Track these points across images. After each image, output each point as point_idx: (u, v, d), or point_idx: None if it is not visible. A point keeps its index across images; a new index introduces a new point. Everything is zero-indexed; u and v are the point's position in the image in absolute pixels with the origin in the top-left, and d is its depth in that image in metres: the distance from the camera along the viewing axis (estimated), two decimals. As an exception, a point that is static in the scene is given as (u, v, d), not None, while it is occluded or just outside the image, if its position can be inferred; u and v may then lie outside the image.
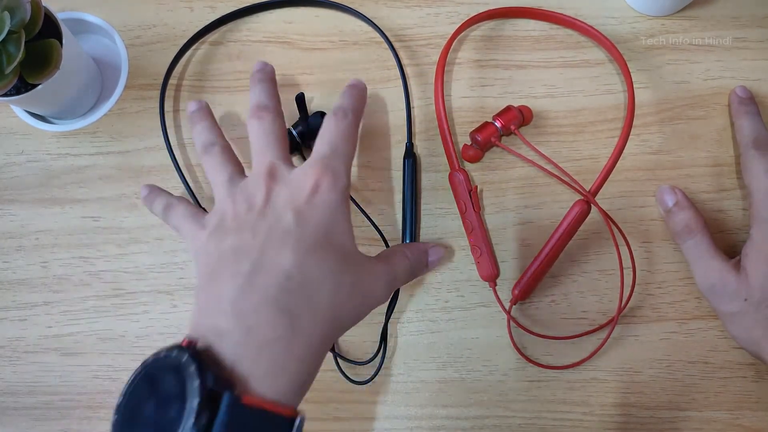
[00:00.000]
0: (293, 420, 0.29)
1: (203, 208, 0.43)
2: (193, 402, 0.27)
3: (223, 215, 0.35)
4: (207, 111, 0.42)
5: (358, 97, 0.39)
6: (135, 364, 0.42)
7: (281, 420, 0.29)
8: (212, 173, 0.38)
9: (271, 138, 0.37)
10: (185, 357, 0.28)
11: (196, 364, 0.28)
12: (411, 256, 0.39)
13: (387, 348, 0.42)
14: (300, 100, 0.43)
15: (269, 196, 0.35)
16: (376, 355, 0.42)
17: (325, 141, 0.37)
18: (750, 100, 0.43)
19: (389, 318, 0.42)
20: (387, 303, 0.41)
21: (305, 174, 0.35)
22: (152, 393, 0.28)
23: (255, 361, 0.30)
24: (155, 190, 0.41)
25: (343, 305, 0.33)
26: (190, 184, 0.44)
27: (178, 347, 0.29)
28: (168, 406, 0.27)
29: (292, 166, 0.37)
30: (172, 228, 0.39)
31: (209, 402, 0.27)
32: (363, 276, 0.35)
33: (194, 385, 0.27)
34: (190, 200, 0.41)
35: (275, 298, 0.31)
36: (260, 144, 0.37)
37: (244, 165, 0.39)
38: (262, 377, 0.30)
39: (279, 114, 0.39)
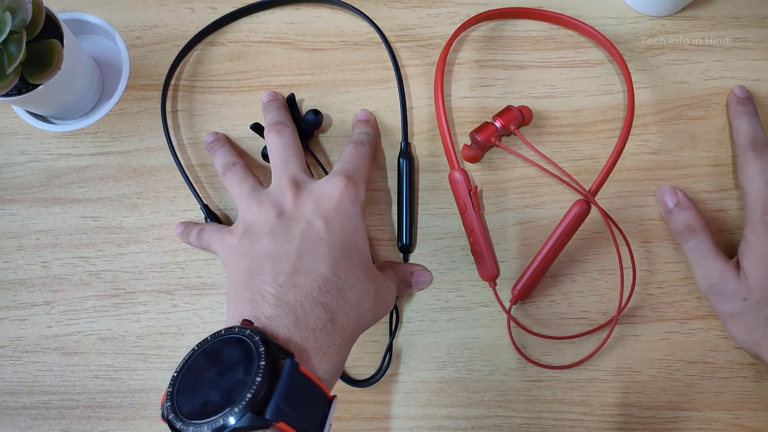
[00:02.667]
0: (330, 400, 0.31)
1: (216, 215, 0.45)
2: (260, 363, 0.28)
3: (252, 221, 0.37)
4: (225, 138, 0.45)
5: (372, 131, 0.44)
6: (135, 364, 0.43)
7: (324, 396, 0.31)
8: (234, 188, 0.40)
9: (290, 151, 0.40)
10: (248, 331, 0.30)
11: (261, 335, 0.30)
12: (397, 275, 0.41)
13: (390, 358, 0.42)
14: (291, 100, 0.44)
15: (296, 204, 0.37)
16: (379, 371, 0.42)
17: (346, 161, 0.40)
18: (748, 100, 0.43)
19: (394, 336, 0.42)
20: (392, 323, 0.43)
21: (330, 185, 0.38)
22: (213, 363, 0.30)
23: (304, 342, 0.32)
24: (188, 223, 0.44)
25: (366, 310, 0.36)
26: (193, 183, 0.44)
27: (239, 326, 0.31)
28: (233, 371, 0.29)
29: (311, 178, 0.40)
30: (205, 247, 0.41)
31: (273, 367, 0.29)
32: (380, 285, 0.38)
33: (260, 350, 0.29)
34: (217, 223, 0.43)
35: (316, 296, 0.33)
36: (281, 156, 0.40)
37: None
38: (310, 357, 0.32)
39: (296, 130, 0.42)
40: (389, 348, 0.42)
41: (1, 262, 0.45)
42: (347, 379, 0.42)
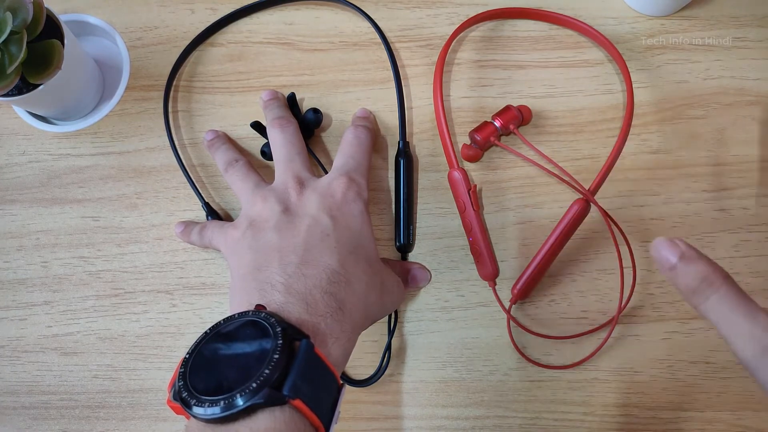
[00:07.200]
0: (340, 387, 0.31)
1: (218, 213, 0.45)
2: (278, 341, 0.28)
3: (256, 216, 0.37)
4: (225, 136, 0.45)
5: (371, 125, 0.44)
6: (134, 364, 0.43)
7: (335, 381, 0.30)
8: (238, 184, 0.41)
9: (295, 150, 0.41)
10: (263, 314, 0.30)
11: (276, 317, 0.30)
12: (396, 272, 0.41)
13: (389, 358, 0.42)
14: (292, 99, 0.44)
15: (301, 200, 0.38)
16: (378, 371, 0.42)
17: (348, 155, 0.41)
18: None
19: (392, 335, 0.42)
20: (391, 322, 0.43)
21: (334, 183, 0.38)
22: (228, 344, 0.29)
23: (316, 326, 0.32)
24: (188, 222, 0.44)
25: (373, 303, 0.36)
26: (195, 182, 0.44)
27: (252, 311, 0.31)
28: (249, 350, 0.29)
29: (314, 176, 0.40)
30: (207, 245, 0.41)
31: (289, 347, 0.29)
32: (386, 279, 0.38)
33: (276, 330, 0.29)
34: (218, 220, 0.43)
35: (324, 286, 0.33)
36: (285, 153, 0.40)
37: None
38: (322, 341, 0.32)
39: (298, 127, 0.42)
40: (388, 347, 0.42)
41: (1, 262, 0.45)
42: (346, 378, 0.42)
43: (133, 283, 0.44)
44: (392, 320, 0.42)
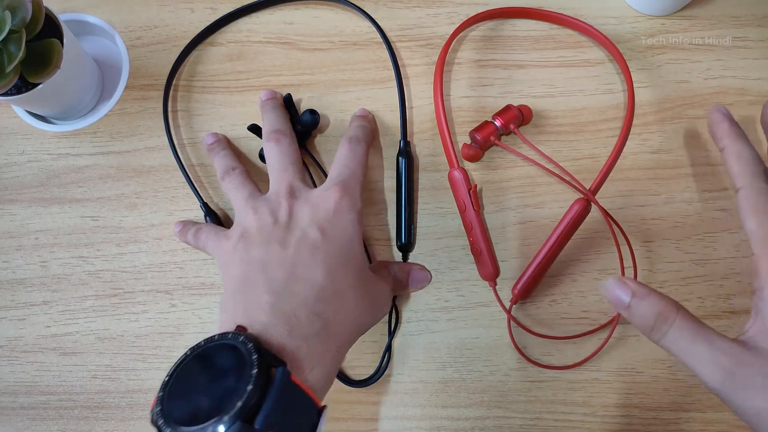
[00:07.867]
0: (321, 410, 0.31)
1: (216, 214, 0.45)
2: (252, 371, 0.28)
3: (248, 227, 0.38)
4: (225, 141, 0.45)
5: (368, 126, 0.44)
6: (133, 364, 0.43)
7: (314, 406, 0.31)
8: (233, 192, 0.41)
9: (289, 160, 0.40)
10: (242, 337, 0.30)
11: (254, 343, 0.30)
12: (395, 274, 0.41)
13: (390, 358, 0.42)
14: (288, 100, 0.44)
15: (292, 212, 0.38)
16: (378, 371, 0.42)
17: (342, 165, 0.40)
18: (734, 120, 0.35)
19: (393, 336, 0.42)
20: (391, 323, 0.42)
21: (326, 194, 0.38)
22: (205, 368, 0.30)
23: (297, 350, 0.32)
24: (186, 222, 0.44)
25: (363, 315, 0.37)
26: (193, 182, 0.44)
27: (232, 332, 0.31)
28: (225, 377, 0.29)
29: (308, 186, 0.40)
30: (201, 248, 0.41)
31: (265, 375, 0.29)
32: (374, 290, 0.38)
33: (252, 358, 0.29)
34: (215, 224, 0.43)
35: (311, 304, 0.34)
36: (279, 165, 0.40)
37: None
38: (303, 365, 0.32)
39: (294, 138, 0.43)
40: (388, 348, 0.42)
41: (0, 262, 0.45)
42: (346, 379, 0.42)
43: (132, 283, 0.44)
44: (393, 321, 0.42)
